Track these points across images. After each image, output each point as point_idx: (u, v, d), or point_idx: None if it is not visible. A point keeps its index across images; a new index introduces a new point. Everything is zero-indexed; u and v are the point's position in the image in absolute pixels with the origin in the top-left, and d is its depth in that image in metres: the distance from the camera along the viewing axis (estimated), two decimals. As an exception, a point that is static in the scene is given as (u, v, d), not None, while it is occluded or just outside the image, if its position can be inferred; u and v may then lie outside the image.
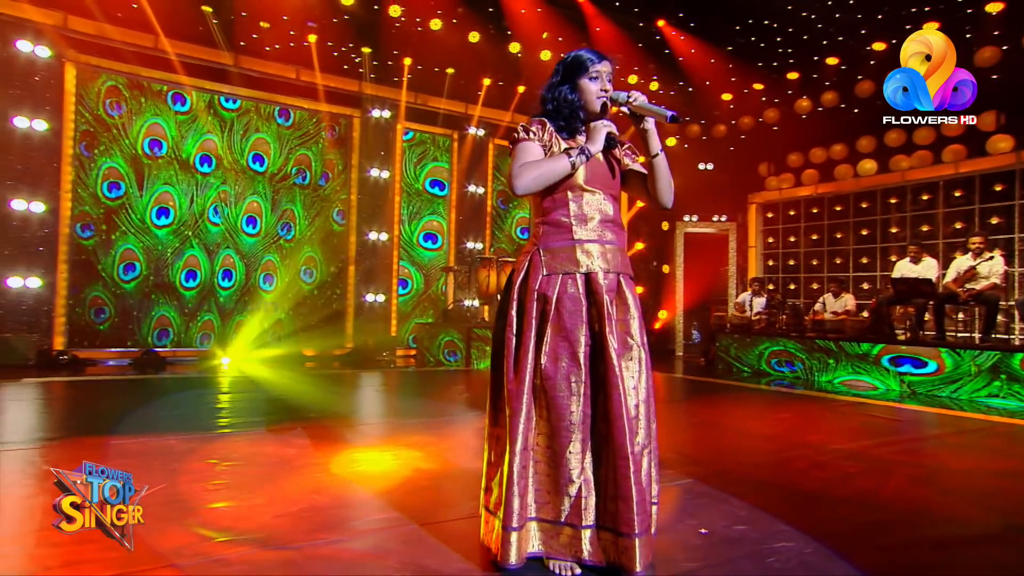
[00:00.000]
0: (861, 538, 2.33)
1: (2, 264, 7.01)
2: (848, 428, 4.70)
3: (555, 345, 1.96)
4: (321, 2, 8.49)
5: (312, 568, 1.94)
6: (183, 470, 2.96)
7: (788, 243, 11.27)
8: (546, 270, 1.99)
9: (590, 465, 1.96)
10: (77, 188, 7.41)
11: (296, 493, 2.69)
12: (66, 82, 7.37)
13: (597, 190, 2.05)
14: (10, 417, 4.36)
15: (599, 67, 2.07)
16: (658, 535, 2.16)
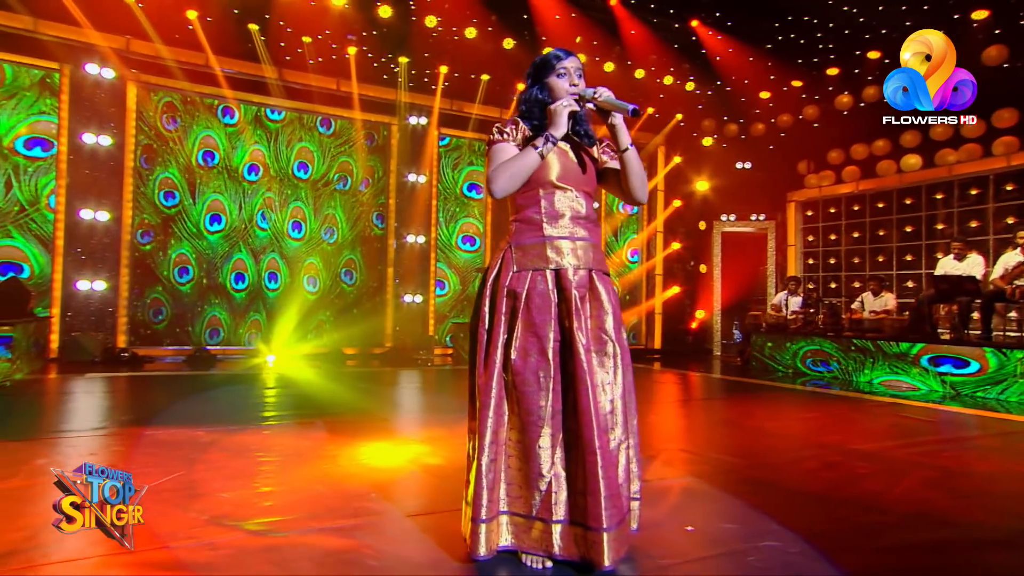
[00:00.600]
0: (853, 540, 2.21)
1: (72, 268, 7.45)
2: (873, 429, 4.47)
3: (525, 341, 1.94)
4: (360, 16, 8.69)
5: (291, 554, 1.97)
6: (201, 459, 3.07)
7: (829, 241, 10.83)
8: (516, 267, 1.98)
9: (561, 460, 1.92)
10: (137, 198, 7.80)
11: (300, 483, 2.75)
12: (128, 100, 7.77)
13: (569, 187, 2.02)
14: (69, 408, 4.62)
15: (566, 63, 2.03)
16: (641, 531, 2.12)
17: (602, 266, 2.05)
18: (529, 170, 1.94)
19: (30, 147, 7.35)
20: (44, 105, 7.42)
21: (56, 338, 7.31)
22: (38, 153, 7.38)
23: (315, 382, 6.12)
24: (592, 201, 2.10)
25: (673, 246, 11.37)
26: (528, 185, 2.01)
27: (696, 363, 9.47)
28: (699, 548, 2.13)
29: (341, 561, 1.93)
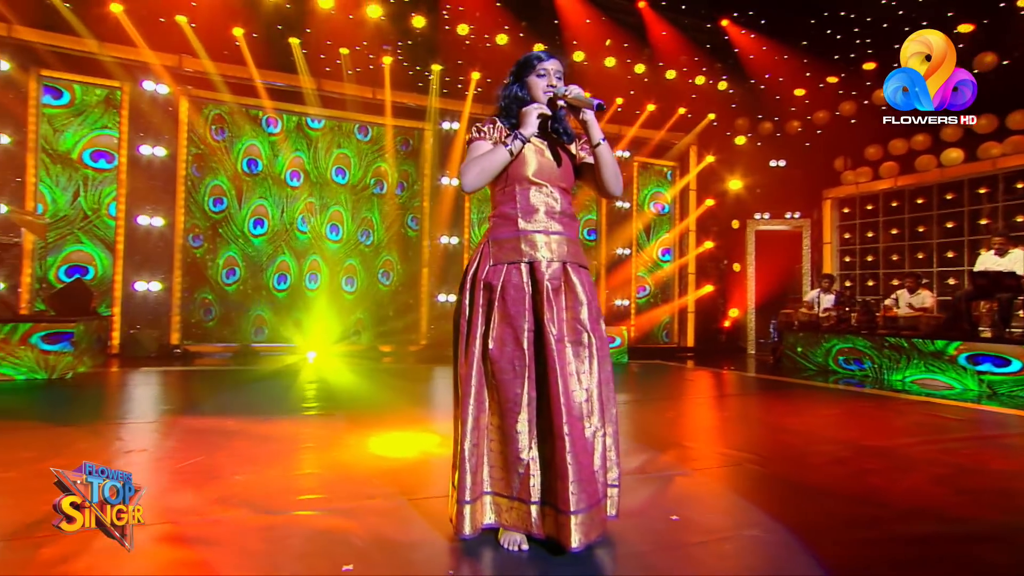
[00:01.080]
0: (840, 532, 2.16)
1: (131, 270, 7.87)
2: (895, 426, 4.30)
3: (501, 331, 1.97)
4: (394, 27, 8.88)
5: (286, 531, 2.06)
6: (225, 446, 3.22)
7: (866, 239, 10.43)
8: (492, 260, 2.01)
9: (537, 444, 1.95)
10: (189, 204, 8.18)
11: (307, 468, 2.86)
12: (180, 114, 8.16)
13: (545, 183, 2.04)
14: (119, 398, 4.90)
15: (546, 64, 2.06)
16: (624, 518, 2.13)
17: (578, 259, 2.07)
18: (499, 166, 1.98)
19: (95, 159, 7.80)
20: (107, 120, 7.87)
21: (117, 335, 7.73)
22: (102, 165, 7.83)
23: (348, 377, 6.29)
24: (569, 196, 2.12)
25: (706, 245, 11.16)
26: (505, 181, 2.05)
27: (729, 361, 9.27)
28: (678, 536, 2.12)
29: (330, 539, 2.00)
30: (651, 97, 10.54)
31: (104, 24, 7.51)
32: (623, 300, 10.82)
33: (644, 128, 10.71)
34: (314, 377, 6.21)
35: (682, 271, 11.24)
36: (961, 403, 5.29)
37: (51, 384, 5.35)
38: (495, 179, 2.06)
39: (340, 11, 8.52)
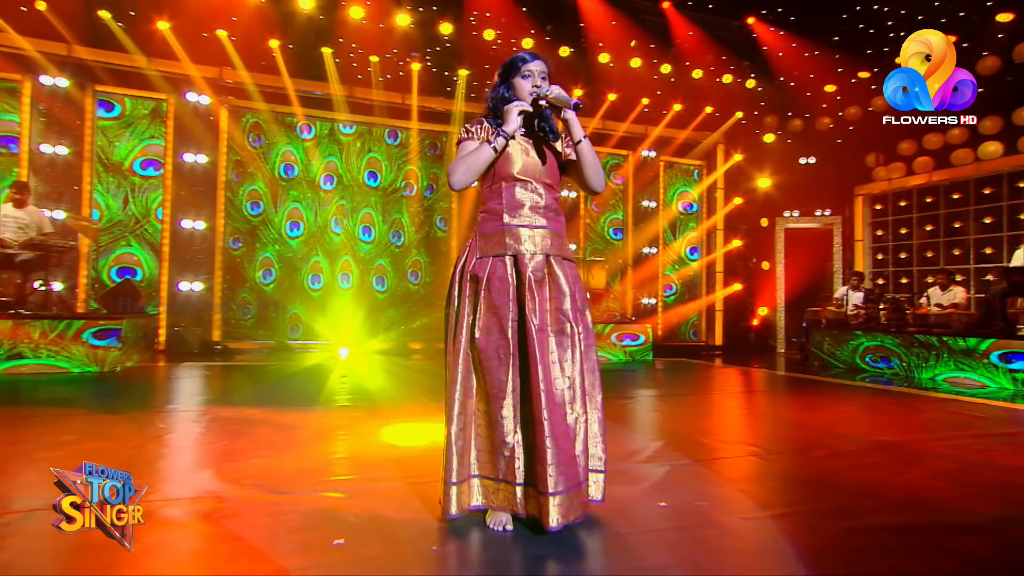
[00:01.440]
0: (824, 520, 2.15)
1: (175, 272, 8.24)
2: (911, 422, 4.19)
3: (486, 321, 2.04)
4: (422, 34, 9.05)
5: (287, 508, 2.18)
6: (246, 433, 3.38)
7: (899, 235, 10.10)
8: (479, 253, 2.08)
9: (521, 429, 2.01)
10: (228, 208, 8.51)
11: (320, 453, 2.98)
12: (220, 123, 8.50)
13: (530, 180, 2.10)
14: (157, 390, 5.16)
15: (531, 66, 2.11)
16: (612, 503, 2.17)
17: (562, 252, 2.12)
18: (484, 164, 2.04)
19: (144, 167, 8.20)
20: (154, 131, 8.26)
21: (163, 332, 8.10)
22: (150, 172, 8.22)
23: (376, 373, 6.45)
24: (554, 192, 2.17)
25: (734, 243, 10.99)
26: (492, 179, 2.12)
27: (757, 359, 9.11)
28: (662, 521, 2.15)
29: (328, 516, 2.11)
30: (677, 96, 10.45)
31: (152, 40, 7.89)
32: (650, 298, 10.75)
33: (670, 127, 10.61)
34: (343, 372, 6.39)
35: (710, 269, 11.09)
36: (991, 401, 5.11)
37: (101, 376, 5.66)
38: (483, 177, 2.13)
39: (371, 20, 8.74)
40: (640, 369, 7.49)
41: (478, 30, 9.38)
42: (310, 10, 8.38)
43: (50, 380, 5.32)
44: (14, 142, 7.63)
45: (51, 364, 5.73)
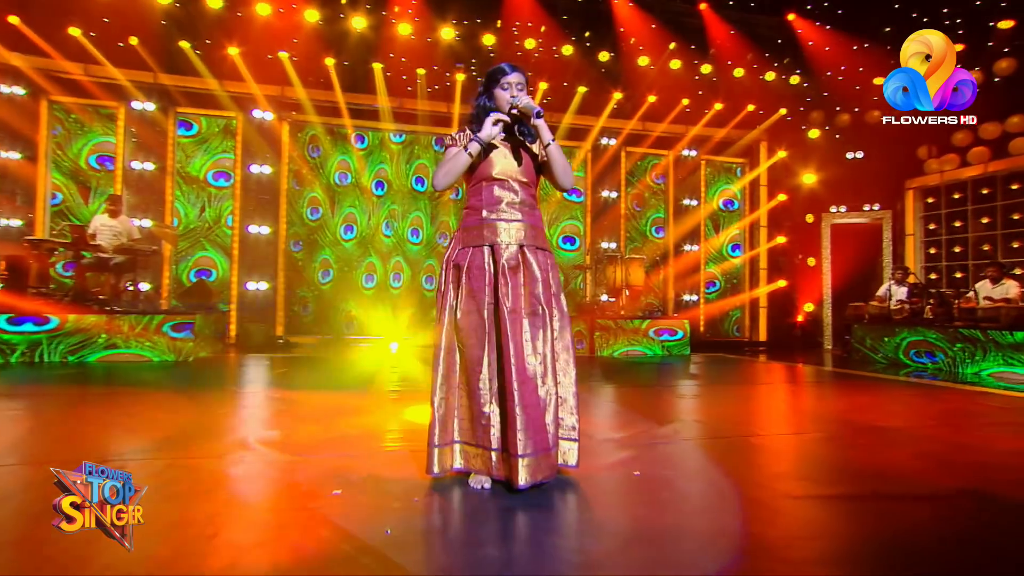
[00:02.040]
0: (775, 485, 2.25)
1: (243, 273, 8.92)
2: (925, 412, 4.10)
3: (466, 304, 2.27)
4: (465, 46, 9.39)
5: (298, 467, 2.48)
6: (287, 412, 3.75)
7: (953, 228, 9.60)
8: (461, 244, 2.32)
9: (496, 399, 2.23)
10: (290, 214, 9.13)
11: (342, 427, 3.29)
12: (282, 136, 9.13)
13: (507, 179, 2.31)
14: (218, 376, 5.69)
15: (509, 78, 2.32)
16: (589, 469, 2.37)
17: (535, 242, 2.32)
18: (461, 168, 2.27)
19: (216, 179, 8.92)
20: (225, 146, 8.98)
21: (233, 327, 8.78)
22: (221, 183, 8.94)
23: (418, 365, 6.80)
24: (530, 189, 2.37)
25: (778, 239, 10.74)
26: (475, 179, 2.35)
27: (801, 355, 8.90)
28: (626, 486, 2.31)
29: (332, 475, 2.39)
30: (718, 95, 10.33)
31: (223, 65, 8.58)
32: (691, 295, 10.66)
33: (712, 126, 10.51)
34: (389, 364, 6.77)
35: (753, 266, 10.89)
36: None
37: (177, 364, 6.26)
38: (468, 177, 2.36)
39: (418, 35, 9.16)
40: (675, 363, 7.51)
41: (520, 39, 9.64)
42: (362, 28, 8.87)
43: (137, 367, 5.95)
44: (111, 161, 8.49)
45: (137, 353, 6.39)
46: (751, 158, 10.98)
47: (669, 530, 1.84)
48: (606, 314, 8.69)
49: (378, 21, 8.94)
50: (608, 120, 10.12)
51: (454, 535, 1.88)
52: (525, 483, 2.08)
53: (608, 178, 10.51)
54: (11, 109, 8.03)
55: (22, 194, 8.21)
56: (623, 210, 10.51)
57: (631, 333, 8.29)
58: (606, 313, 8.77)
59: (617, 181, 10.54)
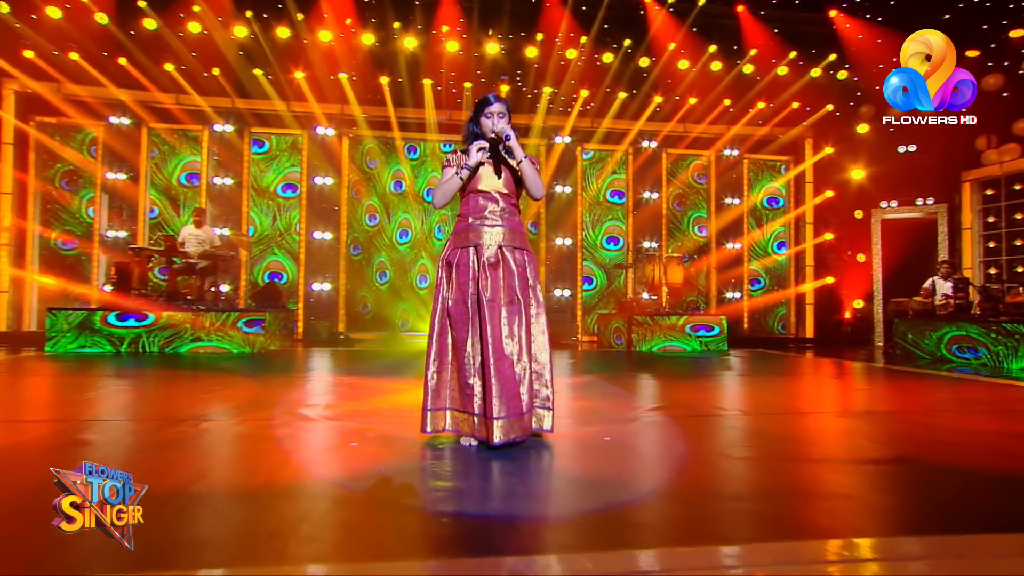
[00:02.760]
0: (724, 454, 2.59)
1: (309, 275, 9.79)
2: (933, 401, 4.20)
3: (455, 294, 2.73)
4: (508, 60, 9.90)
5: (332, 429, 3.02)
6: (332, 391, 4.35)
7: (1013, 221, 9.19)
8: (452, 246, 2.78)
9: (478, 373, 2.68)
10: (350, 221, 9.94)
11: (374, 403, 3.83)
12: (342, 150, 9.96)
13: (490, 192, 2.77)
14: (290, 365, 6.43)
15: (492, 108, 2.77)
16: (566, 433, 2.79)
17: (513, 243, 2.75)
18: (455, 189, 2.74)
19: (285, 191, 9.86)
20: (292, 160, 9.90)
21: (301, 324, 9.67)
22: (289, 194, 9.86)
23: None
24: (510, 199, 2.80)
25: (825, 236, 10.60)
26: (465, 192, 2.81)
27: (848, 351, 8.81)
28: (591, 448, 2.70)
29: (355, 434, 2.92)
30: (761, 95, 10.32)
31: (290, 87, 9.49)
32: (734, 292, 10.70)
33: (755, 125, 10.52)
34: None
35: (799, 262, 10.79)
36: None
37: (251, 356, 7.09)
38: (460, 191, 2.84)
39: (465, 51, 9.75)
40: (709, 357, 7.69)
41: (562, 49, 10.03)
42: (413, 48, 9.55)
43: (218, 356, 6.81)
44: (196, 177, 9.58)
45: (218, 345, 7.28)
46: (796, 155, 10.88)
47: (613, 478, 2.23)
48: (644, 311, 8.95)
49: (427, 40, 9.59)
50: (647, 123, 10.35)
51: (441, 475, 2.35)
52: (499, 441, 2.52)
53: (649, 179, 10.72)
54: (119, 137, 9.25)
55: (127, 209, 9.42)
56: (664, 210, 10.70)
57: (668, 329, 8.51)
58: (645, 310, 9.03)
59: (658, 181, 10.73)
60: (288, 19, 8.91)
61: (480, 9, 9.32)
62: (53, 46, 8.58)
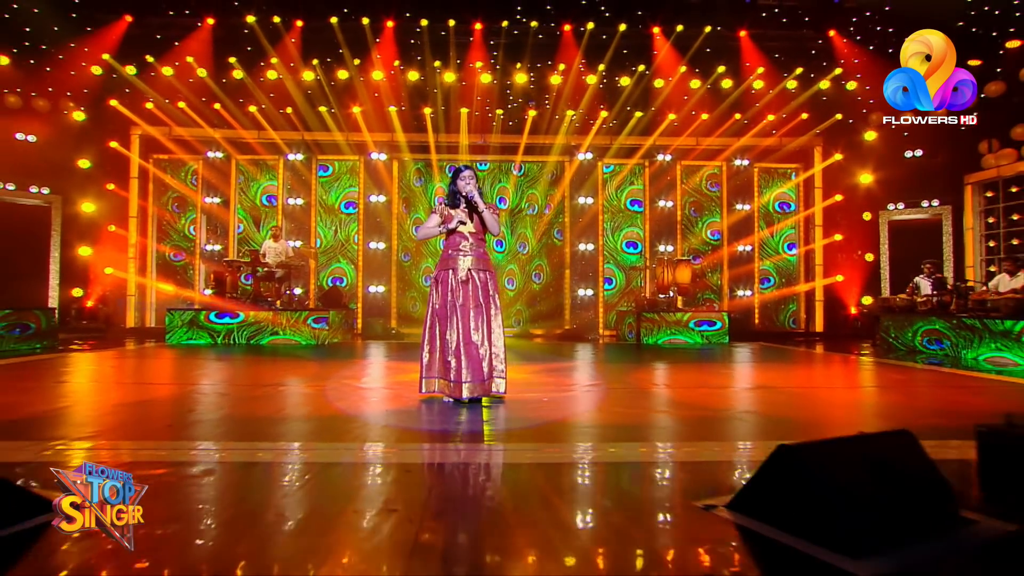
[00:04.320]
0: (637, 407, 3.80)
1: (366, 278, 11.42)
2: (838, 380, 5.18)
3: (440, 301, 4.06)
4: (535, 87, 11.16)
5: (358, 390, 4.44)
6: (373, 371, 5.80)
7: (1010, 222, 9.61)
8: (439, 268, 4.11)
9: (455, 352, 4.01)
10: (399, 232, 11.50)
11: (400, 376, 5.22)
12: (393, 172, 11.52)
13: (463, 232, 4.08)
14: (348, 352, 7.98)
15: (464, 174, 4.08)
16: (517, 396, 4.07)
17: (478, 266, 4.04)
18: (435, 235, 4.07)
19: (346, 208, 11.53)
20: (351, 182, 11.55)
21: (360, 322, 11.32)
22: (350, 211, 11.52)
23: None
24: (478, 235, 4.09)
25: (835, 237, 11.24)
26: (447, 232, 4.15)
27: (852, 345, 9.42)
28: (531, 405, 3.98)
29: (375, 392, 4.32)
30: (771, 107, 11.06)
31: (347, 120, 11.14)
32: (745, 290, 11.53)
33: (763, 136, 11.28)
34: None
35: (808, 262, 11.47)
36: (1012, 379, 5.57)
37: (318, 347, 8.71)
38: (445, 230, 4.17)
39: (499, 80, 11.07)
40: (705, 348, 8.68)
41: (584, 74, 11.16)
42: (451, 82, 10.97)
43: (292, 347, 8.47)
44: (274, 199, 11.40)
45: (291, 338, 8.95)
46: (805, 161, 11.56)
47: (538, 417, 3.51)
48: (655, 307, 10.00)
49: (464, 73, 10.98)
50: (661, 138, 11.36)
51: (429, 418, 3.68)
52: (466, 396, 3.84)
53: (665, 189, 11.71)
54: (213, 169, 11.20)
55: (220, 227, 11.37)
56: (679, 216, 11.66)
57: (674, 324, 9.54)
58: (656, 307, 10.07)
59: (673, 192, 11.70)
60: (346, 64, 10.53)
61: (505, 45, 10.63)
62: (164, 97, 10.57)
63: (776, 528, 1.65)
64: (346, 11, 10.22)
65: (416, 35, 10.45)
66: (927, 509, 1.71)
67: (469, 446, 2.79)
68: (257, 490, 2.17)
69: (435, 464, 2.59)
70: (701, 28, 10.29)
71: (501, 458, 2.65)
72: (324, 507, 1.96)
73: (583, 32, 10.38)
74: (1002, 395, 4.51)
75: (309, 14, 10.21)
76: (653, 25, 10.42)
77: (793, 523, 1.64)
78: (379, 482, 2.27)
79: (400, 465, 2.47)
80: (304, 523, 1.79)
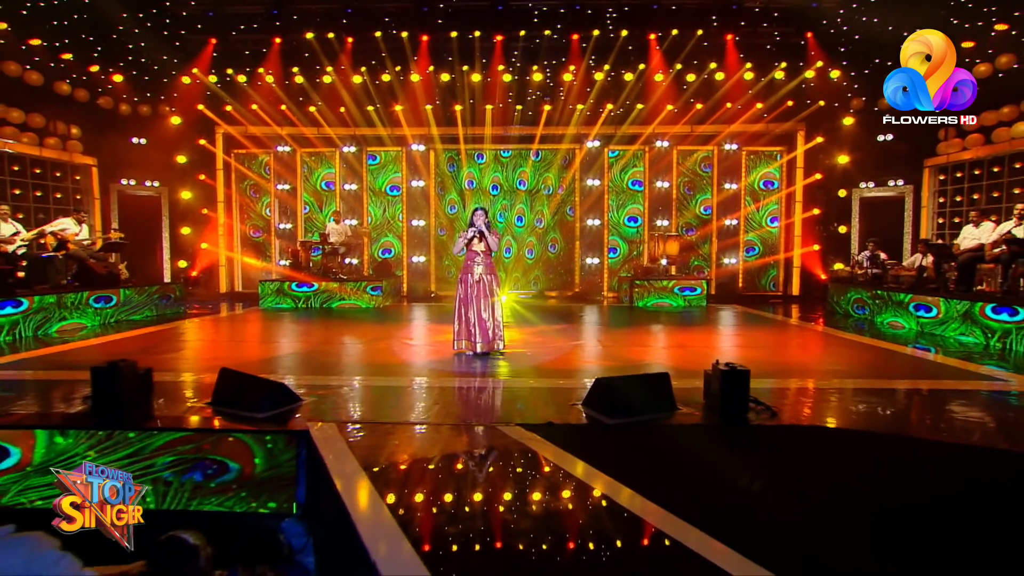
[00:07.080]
0: (595, 365, 6.38)
1: (410, 251, 14.09)
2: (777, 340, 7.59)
3: (463, 293, 6.62)
4: (548, 83, 13.27)
5: (408, 346, 7.13)
6: (418, 331, 8.50)
7: (955, 203, 11.46)
8: (462, 272, 6.66)
9: (476, 323, 6.61)
10: (437, 211, 14.05)
11: (440, 336, 7.88)
12: (430, 160, 13.97)
13: (477, 251, 6.59)
14: (398, 314, 10.72)
15: (478, 214, 6.56)
16: (514, 352, 6.70)
17: (487, 272, 6.55)
18: (461, 252, 6.61)
19: (391, 191, 14.10)
20: (396, 169, 14.06)
21: (405, 287, 14.08)
22: (395, 193, 14.08)
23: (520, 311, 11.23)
24: (487, 252, 6.61)
25: (813, 211, 13.21)
26: (468, 249, 6.68)
27: (820, 307, 11.53)
28: (524, 357, 6.58)
29: (421, 346, 6.99)
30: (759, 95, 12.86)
31: (390, 117, 13.56)
32: (731, 258, 13.72)
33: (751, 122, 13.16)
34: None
35: (788, 233, 13.51)
36: (890, 345, 7.89)
37: (374, 309, 11.48)
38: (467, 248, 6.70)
39: (519, 79, 13.22)
40: (685, 311, 11.07)
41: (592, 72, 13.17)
42: (476, 82, 13.18)
43: (354, 310, 11.27)
44: (332, 184, 14.06)
45: (354, 303, 11.74)
46: (789, 144, 13.43)
47: (523, 366, 6.12)
48: (648, 275, 12.35)
49: (488, 72, 13.13)
50: (660, 126, 13.39)
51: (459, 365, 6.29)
52: (480, 351, 6.45)
53: (663, 171, 13.82)
54: (282, 161, 13.89)
55: (289, 209, 14.15)
56: (675, 195, 13.80)
57: (660, 290, 11.92)
58: (649, 274, 12.42)
59: (669, 173, 13.80)
60: (388, 70, 12.85)
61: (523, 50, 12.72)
62: (241, 102, 13.18)
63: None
64: (389, 26, 12.45)
65: (446, 45, 12.64)
66: (660, 404, 4.24)
67: (481, 379, 5.44)
68: (378, 394, 4.85)
69: (462, 387, 5.23)
70: (693, 32, 12.14)
71: (493, 384, 5.28)
72: (407, 401, 4.63)
73: (590, 38, 12.36)
74: (833, 353, 6.86)
75: (357, 30, 12.50)
76: (650, 32, 12.31)
77: (593, 405, 4.19)
78: (428, 395, 4.92)
79: (440, 388, 5.11)
80: (394, 401, 4.46)
